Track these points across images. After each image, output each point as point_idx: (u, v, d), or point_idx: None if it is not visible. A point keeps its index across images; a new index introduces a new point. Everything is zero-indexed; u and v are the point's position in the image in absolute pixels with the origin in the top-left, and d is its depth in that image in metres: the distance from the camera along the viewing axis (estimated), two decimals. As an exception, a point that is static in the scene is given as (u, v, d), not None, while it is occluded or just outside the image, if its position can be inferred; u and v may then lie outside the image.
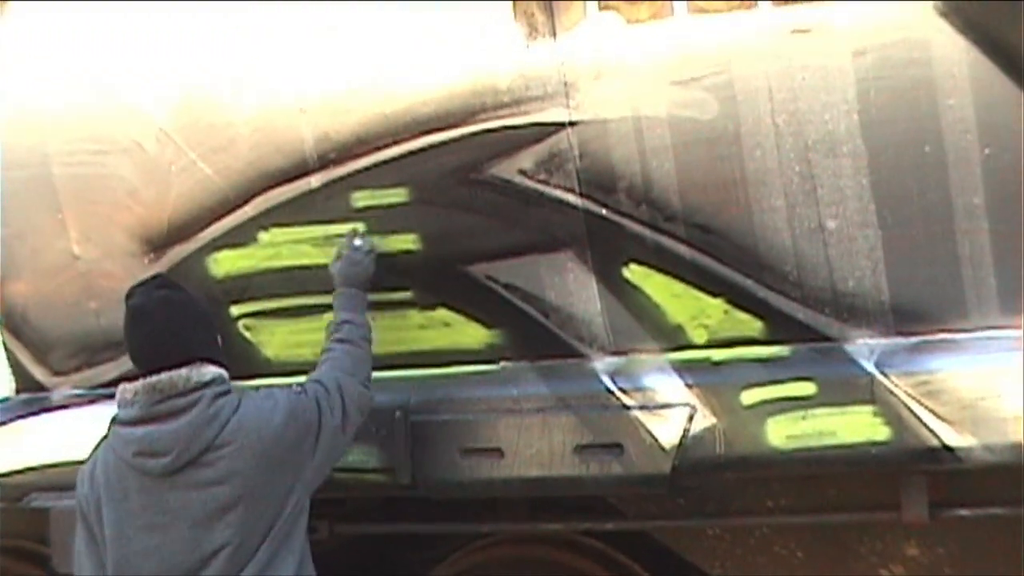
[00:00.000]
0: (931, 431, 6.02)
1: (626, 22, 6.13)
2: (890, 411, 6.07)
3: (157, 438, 5.33)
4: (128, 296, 5.43)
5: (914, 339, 6.11)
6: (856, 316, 6.15)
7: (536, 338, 6.43)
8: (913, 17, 5.86)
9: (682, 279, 6.26)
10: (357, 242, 5.86)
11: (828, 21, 5.92)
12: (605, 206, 6.28)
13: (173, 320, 5.46)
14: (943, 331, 6.08)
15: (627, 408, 6.33)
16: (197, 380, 5.35)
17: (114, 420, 5.50)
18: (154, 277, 5.66)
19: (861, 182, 6.04)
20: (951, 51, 5.87)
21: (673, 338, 6.31)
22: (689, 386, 6.27)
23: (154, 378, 5.34)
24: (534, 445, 6.41)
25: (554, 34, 6.26)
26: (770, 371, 6.21)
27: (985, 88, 5.82)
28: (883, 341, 6.14)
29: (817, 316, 6.20)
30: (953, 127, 5.91)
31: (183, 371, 5.34)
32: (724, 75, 6.05)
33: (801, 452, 6.16)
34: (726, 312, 6.25)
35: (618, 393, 6.34)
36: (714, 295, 6.26)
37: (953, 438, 5.98)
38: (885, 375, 6.07)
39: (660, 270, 6.29)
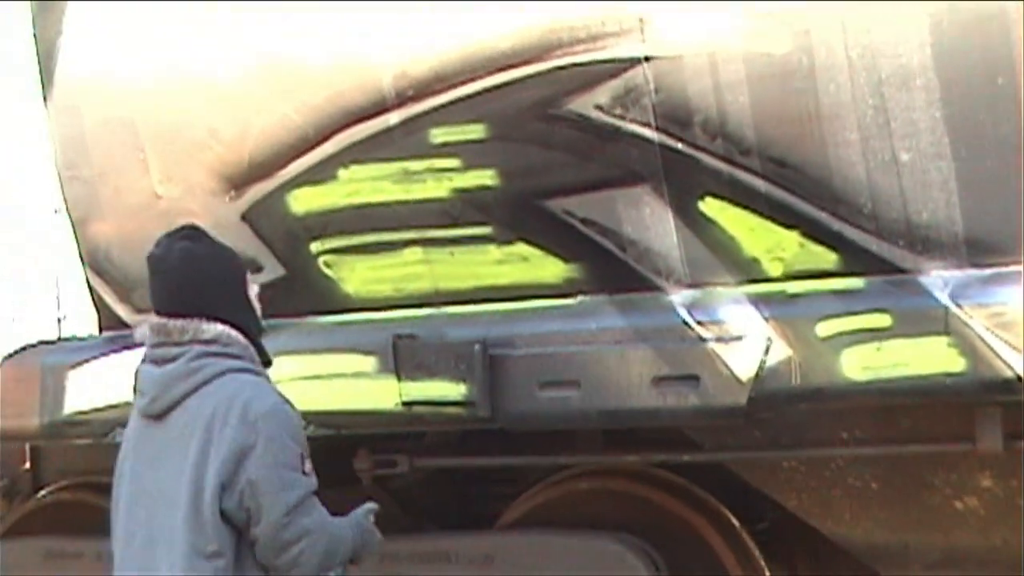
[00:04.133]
0: (1005, 362, 6.00)
1: None
2: (964, 342, 6.06)
3: (145, 379, 5.24)
4: (156, 244, 5.40)
5: (988, 271, 6.13)
6: (930, 248, 6.19)
7: (613, 272, 6.51)
8: None
9: (757, 212, 6.32)
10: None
11: None
12: (681, 140, 6.35)
13: (187, 273, 5.26)
14: (1017, 263, 6.07)
15: (703, 340, 6.36)
16: (192, 334, 5.17)
17: None
18: (182, 228, 5.44)
19: (934, 115, 6.09)
20: None
21: (749, 271, 6.37)
22: (765, 318, 6.30)
23: (158, 322, 5.23)
24: (611, 377, 6.43)
25: None
26: (845, 303, 6.24)
27: None
28: (957, 273, 6.15)
29: (891, 248, 6.24)
30: (1021, 62, 5.85)
31: (180, 322, 5.19)
32: (798, 9, 6.09)
33: (876, 383, 6.17)
34: (801, 245, 6.31)
35: (694, 325, 6.38)
36: (789, 228, 6.31)
37: None
38: (959, 306, 6.08)
39: (736, 203, 6.35)
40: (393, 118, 6.73)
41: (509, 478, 7.38)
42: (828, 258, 6.32)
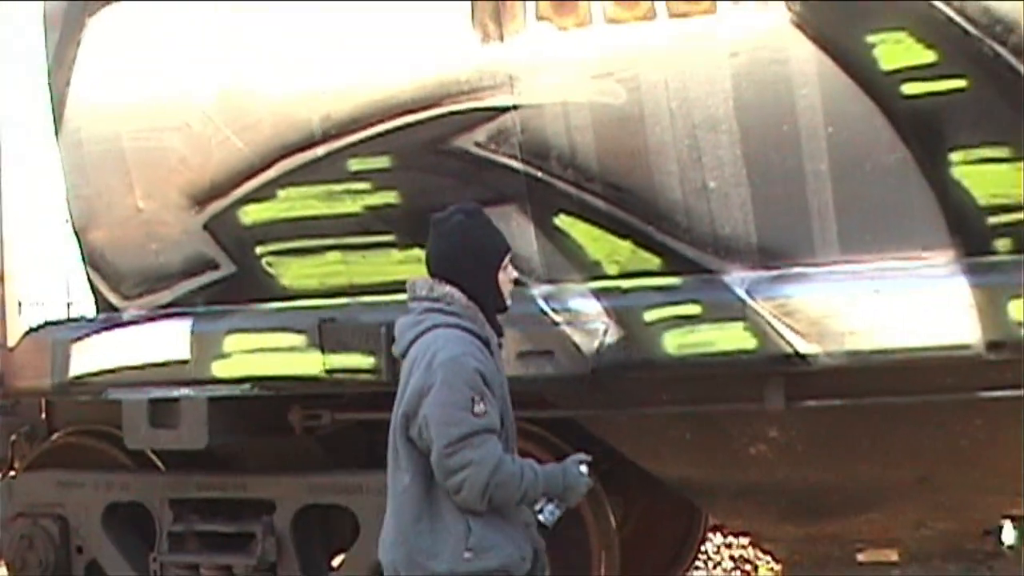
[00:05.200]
0: (787, 342, 6.00)
1: (557, 29, 5.90)
2: (757, 327, 6.04)
3: (396, 326, 5.15)
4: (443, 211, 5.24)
5: (775, 272, 6.08)
6: (731, 254, 6.09)
7: None
8: (774, 26, 5.87)
9: (599, 226, 6.16)
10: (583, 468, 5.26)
11: (711, 29, 5.90)
12: (541, 170, 6.21)
13: (445, 241, 5.13)
14: (797, 265, 6.09)
15: (556, 324, 6.26)
16: (427, 292, 5.03)
17: None
18: (465, 204, 5.38)
19: (735, 152, 6.02)
20: (803, 53, 5.91)
21: (592, 271, 6.20)
22: (604, 308, 6.24)
23: (412, 279, 5.15)
24: None
25: (502, 38, 6.20)
26: (666, 296, 6.16)
27: (828, 81, 5.86)
28: (752, 273, 6.10)
29: (702, 254, 6.15)
30: (805, 111, 5.91)
31: (422, 281, 5.09)
32: (632, 70, 5.91)
33: (689, 358, 6.14)
34: (633, 251, 6.17)
35: (550, 312, 6.27)
36: (623, 238, 6.16)
37: (804, 347, 5.98)
38: (753, 299, 6.06)
39: (583, 219, 6.20)
40: (320, 151, 6.59)
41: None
42: (653, 262, 6.17)
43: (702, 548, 8.13)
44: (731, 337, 6.06)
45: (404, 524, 4.77)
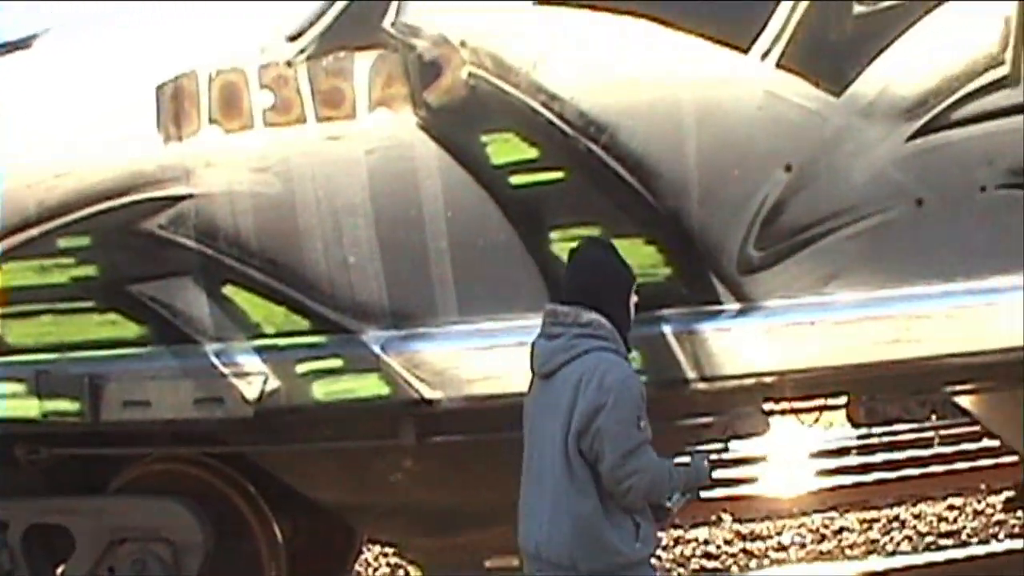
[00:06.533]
0: (415, 389, 6.15)
1: (225, 131, 5.82)
2: (389, 377, 6.16)
3: (539, 349, 4.98)
4: (578, 243, 5.21)
5: (404, 331, 6.16)
6: (368, 317, 6.20)
7: (168, 330, 6.38)
8: (403, 128, 6.02)
9: (258, 294, 6.31)
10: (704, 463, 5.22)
11: (351, 131, 6.03)
12: (211, 248, 6.28)
13: (587, 272, 4.96)
14: (422, 325, 6.15)
15: (225, 375, 6.28)
16: (574, 319, 4.85)
17: None
18: (598, 239, 5.34)
19: (371, 232, 6.16)
20: (427, 150, 6.04)
21: (254, 331, 6.34)
22: (264, 361, 6.26)
23: (552, 307, 5.00)
24: (168, 398, 6.34)
25: (180, 138, 6.20)
26: (314, 352, 6.25)
27: (448, 173, 6.01)
28: (385, 333, 6.17)
29: (344, 317, 6.22)
30: (428, 198, 6.11)
31: (567, 308, 4.90)
32: (285, 165, 5.98)
33: (335, 403, 6.21)
34: (286, 315, 6.29)
35: (220, 366, 6.31)
36: (279, 304, 6.30)
37: (429, 393, 6.15)
38: (386, 354, 6.15)
39: (245, 288, 6.30)
40: (34, 231, 6.42)
41: (113, 461, 6.84)
42: (303, 323, 6.29)
43: (362, 557, 7.82)
44: (369, 385, 6.21)
45: (583, 524, 4.72)
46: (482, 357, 6.12)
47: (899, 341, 6.22)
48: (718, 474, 9.43)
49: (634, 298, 5.10)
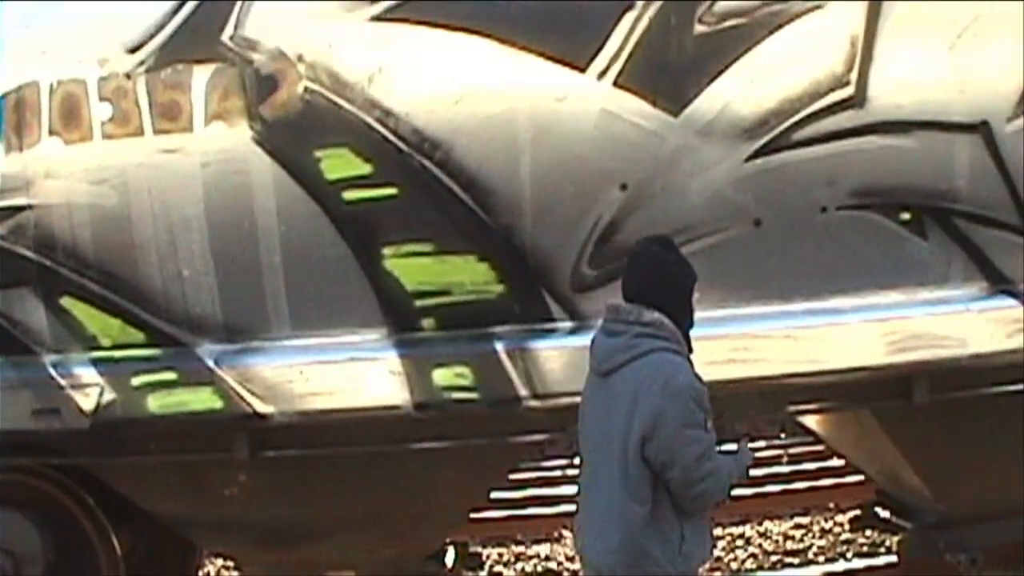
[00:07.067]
0: (247, 403, 6.15)
1: (65, 142, 6.08)
2: (223, 390, 6.15)
3: (599, 345, 4.80)
4: (637, 243, 4.98)
5: (238, 345, 6.16)
6: (202, 330, 6.21)
7: (6, 341, 6.32)
8: (238, 142, 6.02)
9: (95, 306, 6.29)
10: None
11: (187, 144, 6.00)
12: (49, 259, 6.23)
13: (648, 270, 4.76)
14: (256, 339, 6.15)
15: (62, 387, 6.27)
16: (636, 317, 4.69)
17: None
18: (660, 237, 5.03)
19: (205, 246, 6.16)
20: (262, 164, 6.03)
21: (91, 343, 6.29)
22: (100, 372, 6.25)
23: (615, 303, 4.81)
24: (8, 409, 6.25)
25: (21, 148, 6.18)
26: (149, 364, 6.23)
27: (282, 188, 6.01)
28: (219, 347, 6.17)
29: (178, 330, 6.23)
30: (262, 213, 6.09)
31: (630, 306, 4.73)
32: (122, 178, 6.10)
33: (169, 416, 6.19)
34: (122, 328, 6.27)
35: (57, 377, 6.28)
36: (115, 316, 6.28)
37: (262, 407, 6.15)
38: (220, 367, 6.15)
39: (82, 300, 6.27)
40: None
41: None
42: (139, 336, 6.27)
43: (202, 571, 7.83)
44: (202, 399, 6.20)
45: (631, 530, 4.55)
46: (315, 372, 6.12)
47: (736, 361, 6.22)
48: (559, 491, 9.59)
49: (696, 295, 4.92)
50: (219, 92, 6.08)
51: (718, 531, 8.99)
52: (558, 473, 9.73)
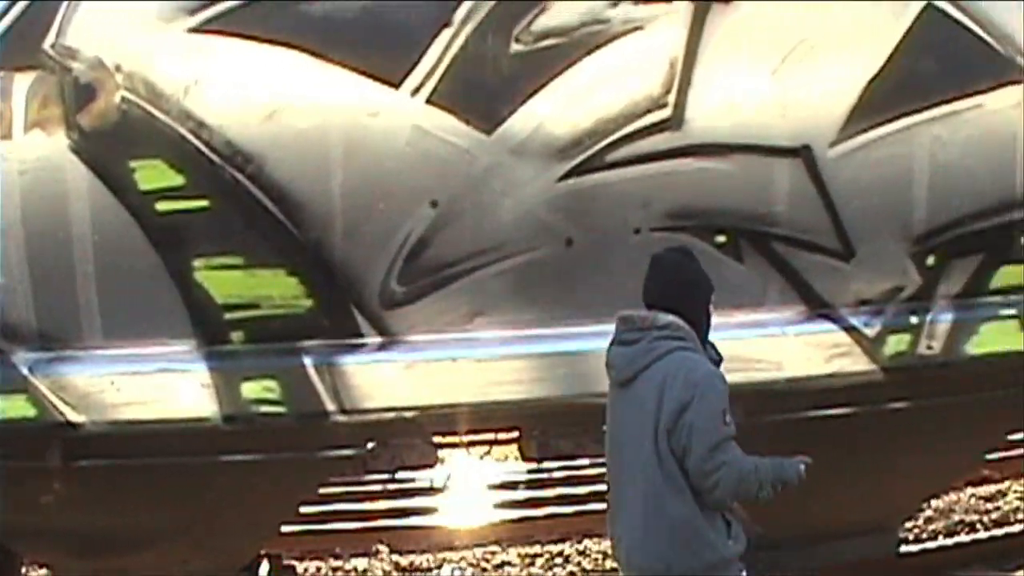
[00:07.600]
0: (60, 412, 6.10)
1: None
2: (36, 399, 6.09)
3: (615, 356, 4.87)
4: (657, 252, 5.00)
5: (52, 353, 6.10)
6: (17, 338, 6.10)
7: None
8: (56, 149, 5.94)
9: None
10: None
11: (3, 150, 5.94)
12: None
13: (669, 278, 4.83)
14: (69, 348, 6.09)
15: None
16: (652, 322, 4.76)
17: None
18: (680, 246, 5.13)
19: (21, 254, 6.02)
20: (77, 173, 5.98)
21: None
22: None
23: (625, 313, 4.88)
24: None
25: None
26: None
27: (97, 197, 5.94)
28: (34, 354, 6.10)
29: None
30: (76, 221, 6.01)
31: (643, 312, 4.82)
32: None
33: None
34: None
35: None
36: None
37: (74, 416, 6.11)
38: (34, 375, 6.08)
39: None
40: None
41: None
42: None
43: None
44: (16, 406, 6.12)
45: (681, 523, 4.63)
46: (126, 382, 6.10)
47: (545, 380, 6.25)
48: (379, 505, 9.54)
49: (712, 305, 5.00)
50: (39, 100, 6.08)
51: (536, 548, 9.01)
52: (378, 488, 9.59)
